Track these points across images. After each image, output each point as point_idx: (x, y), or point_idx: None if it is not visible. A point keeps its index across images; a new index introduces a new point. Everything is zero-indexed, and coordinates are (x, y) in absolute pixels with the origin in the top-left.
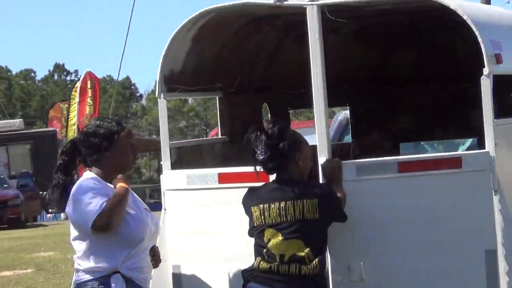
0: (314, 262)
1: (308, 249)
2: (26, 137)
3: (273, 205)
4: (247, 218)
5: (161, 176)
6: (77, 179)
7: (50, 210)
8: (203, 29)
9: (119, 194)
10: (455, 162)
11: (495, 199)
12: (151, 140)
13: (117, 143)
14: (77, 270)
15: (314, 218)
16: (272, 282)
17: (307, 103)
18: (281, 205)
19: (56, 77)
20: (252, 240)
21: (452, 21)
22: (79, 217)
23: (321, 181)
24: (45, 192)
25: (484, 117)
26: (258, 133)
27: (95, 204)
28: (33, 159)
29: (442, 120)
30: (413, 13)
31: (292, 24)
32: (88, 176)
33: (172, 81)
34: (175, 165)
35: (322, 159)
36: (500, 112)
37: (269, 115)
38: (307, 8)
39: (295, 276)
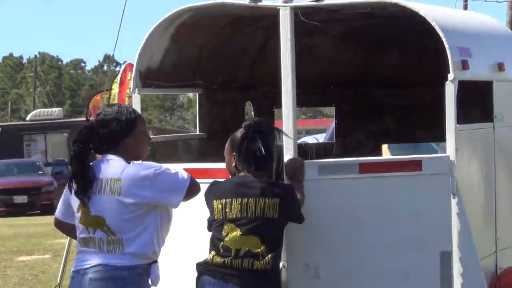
0: (267, 258)
1: (263, 246)
2: (64, 126)
3: (235, 201)
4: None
5: None
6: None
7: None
8: (182, 27)
9: None
10: (416, 165)
11: (453, 202)
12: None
13: (135, 130)
14: (119, 253)
15: (273, 217)
16: (225, 276)
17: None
18: (244, 201)
19: (105, 67)
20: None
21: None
22: (166, 190)
23: (285, 179)
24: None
25: (446, 122)
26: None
27: (180, 173)
28: (70, 147)
29: (422, 122)
30: (393, 17)
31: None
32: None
33: (149, 77)
34: (147, 159)
35: (287, 157)
36: (469, 117)
37: (252, 113)
38: (280, 10)
39: (248, 270)
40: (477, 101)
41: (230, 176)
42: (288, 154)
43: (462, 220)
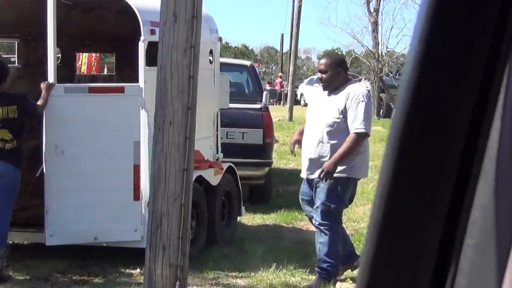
0: (13, 142)
1: (11, 135)
2: None
3: None
4: None
5: None
6: None
7: None
8: (2, 1)
9: None
10: (121, 89)
11: (142, 112)
12: None
13: None
14: None
15: (14, 117)
16: None
17: (91, 50)
18: None
19: None
20: None
21: None
22: None
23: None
24: None
25: (139, 65)
26: None
27: None
28: None
29: None
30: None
31: (76, 3)
32: None
33: None
34: None
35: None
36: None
37: (60, 55)
38: None
39: (2, 149)
40: None
41: None
42: (50, 81)
43: (145, 122)
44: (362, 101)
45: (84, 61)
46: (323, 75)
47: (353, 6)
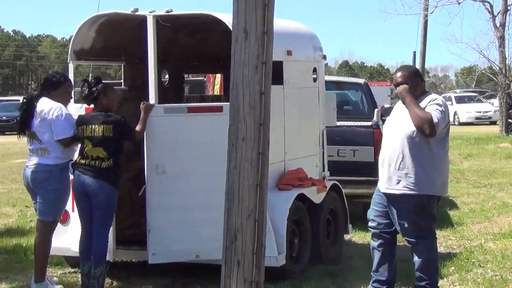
0: (109, 161)
1: (105, 153)
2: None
3: (88, 127)
4: None
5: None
6: None
7: None
8: (103, 25)
9: None
10: (219, 109)
11: None
12: None
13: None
14: (47, 156)
15: (110, 136)
16: (86, 170)
17: (198, 71)
18: (92, 127)
19: None
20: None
21: None
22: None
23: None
24: None
25: None
26: (85, 82)
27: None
28: None
29: None
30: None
31: (181, 25)
32: None
33: (82, 54)
34: None
35: (149, 102)
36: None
37: (167, 76)
38: (147, 17)
39: (98, 167)
40: (275, 73)
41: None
42: (151, 101)
43: None
44: (441, 105)
45: (217, 81)
46: None
47: (478, 22)
